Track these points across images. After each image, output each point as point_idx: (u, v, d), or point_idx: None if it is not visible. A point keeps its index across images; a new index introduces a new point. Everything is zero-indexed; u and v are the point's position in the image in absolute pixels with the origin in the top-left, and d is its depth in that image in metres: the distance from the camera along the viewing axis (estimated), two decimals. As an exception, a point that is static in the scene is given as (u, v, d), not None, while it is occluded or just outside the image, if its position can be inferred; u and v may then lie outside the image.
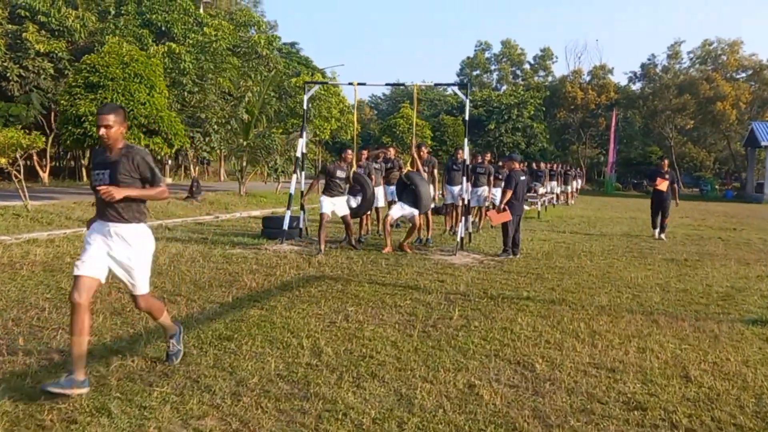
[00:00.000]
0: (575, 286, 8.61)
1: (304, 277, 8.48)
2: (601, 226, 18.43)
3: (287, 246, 11.43)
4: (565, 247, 12.84)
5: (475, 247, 12.23)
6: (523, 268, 10.02)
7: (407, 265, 9.79)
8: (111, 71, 15.44)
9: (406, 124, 39.96)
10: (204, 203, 19.49)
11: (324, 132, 26.67)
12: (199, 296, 7.09)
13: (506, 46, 71.07)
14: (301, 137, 12.48)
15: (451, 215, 14.66)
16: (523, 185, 11.41)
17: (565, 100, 64.07)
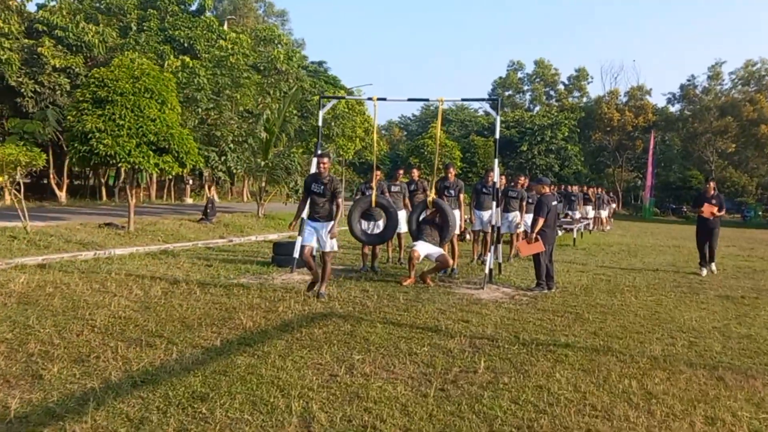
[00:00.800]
0: (621, 329, 7.57)
1: (309, 315, 7.56)
2: (642, 256, 17.27)
3: (297, 276, 10.55)
4: (606, 281, 11.76)
5: (505, 280, 11.22)
6: (559, 305, 8.99)
7: (428, 301, 8.83)
8: (120, 86, 14.80)
9: (435, 145, 39.11)
10: (218, 225, 18.75)
11: (348, 152, 25.91)
12: (182, 338, 6.21)
13: (539, 65, 70.17)
14: (315, 156, 11.63)
15: (479, 243, 13.70)
16: (555, 211, 10.42)
17: (600, 121, 62.76)
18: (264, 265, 11.71)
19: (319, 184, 8.79)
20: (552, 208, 10.27)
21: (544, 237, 10.23)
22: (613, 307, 9.04)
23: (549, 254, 10.44)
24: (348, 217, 11.20)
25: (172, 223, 17.75)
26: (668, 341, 7.09)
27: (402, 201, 12.40)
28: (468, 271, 12.21)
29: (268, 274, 10.62)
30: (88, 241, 13.60)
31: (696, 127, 61.15)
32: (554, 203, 10.38)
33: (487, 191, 12.89)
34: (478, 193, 13.34)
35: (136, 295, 8.25)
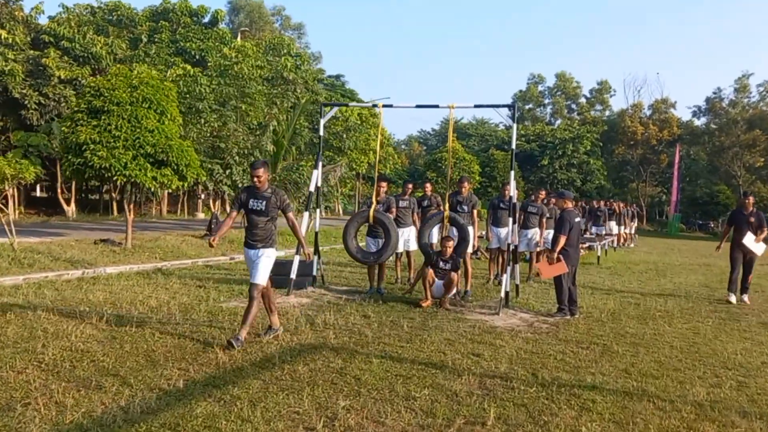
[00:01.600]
0: (656, 366, 6.57)
1: (296, 347, 6.65)
2: (672, 275, 16.17)
3: (294, 299, 9.66)
4: (635, 305, 10.73)
5: (523, 303, 10.23)
6: (584, 335, 7.99)
7: (436, 329, 7.87)
8: (117, 95, 14.09)
9: (453, 158, 38.16)
10: (223, 242, 17.93)
11: (361, 165, 25.08)
12: (141, 378, 5.32)
13: (561, 78, 69.13)
14: (316, 168, 10.80)
15: (496, 262, 12.75)
16: (578, 228, 9.43)
17: (624, 135, 61.47)
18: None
19: (260, 200, 6.86)
20: (575, 224, 9.30)
21: (567, 257, 9.24)
22: (645, 337, 8.03)
23: (572, 276, 9.46)
24: (343, 233, 10.34)
25: (174, 240, 16.97)
26: (713, 381, 6.08)
27: (411, 217, 11.50)
28: (483, 293, 11.24)
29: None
30: (79, 259, 12.82)
31: (723, 141, 59.61)
32: (577, 220, 9.40)
33: (505, 206, 11.99)
34: (495, 208, 12.46)
35: (107, 321, 7.39)
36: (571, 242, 9.30)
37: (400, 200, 11.42)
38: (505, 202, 11.89)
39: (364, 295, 10.24)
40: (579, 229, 9.48)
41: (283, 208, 6.97)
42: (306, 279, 10.66)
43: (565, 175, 55.55)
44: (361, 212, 10.68)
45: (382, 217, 10.22)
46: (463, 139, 58.16)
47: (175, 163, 14.39)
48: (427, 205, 12.00)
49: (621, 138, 62.21)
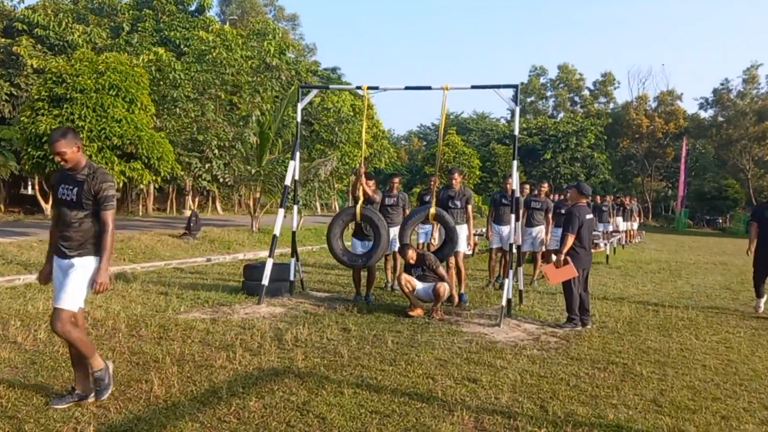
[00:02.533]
0: (690, 393, 5.47)
1: (254, 372, 5.55)
2: (687, 276, 15.09)
3: (266, 308, 8.55)
4: (653, 311, 9.64)
5: (527, 311, 9.13)
6: (599, 351, 6.90)
7: (426, 346, 6.77)
8: (81, 82, 13.01)
9: (452, 153, 37.09)
10: (203, 242, 16.84)
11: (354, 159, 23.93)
12: (41, 423, 4.22)
13: (563, 70, 67.94)
14: (293, 159, 9.69)
15: (498, 263, 11.64)
16: (590, 226, 8.33)
17: (628, 128, 60.34)
18: (232, 292, 9.74)
19: (70, 186, 4.59)
20: (586, 222, 8.19)
21: (577, 259, 8.14)
22: (671, 353, 6.93)
23: (583, 281, 8.36)
24: (327, 232, 9.25)
25: (149, 239, 15.86)
26: (763, 416, 4.99)
27: (401, 215, 10.40)
28: (482, 299, 10.14)
29: (231, 306, 8.62)
30: (36, 262, 11.72)
31: (731, 134, 58.54)
32: (589, 216, 8.29)
33: (507, 202, 10.89)
34: (497, 204, 11.37)
35: (35, 340, 6.30)
36: (582, 242, 8.20)
37: (386, 197, 10.32)
38: (508, 197, 10.82)
39: (349, 303, 9.14)
40: (591, 228, 8.38)
41: (98, 199, 4.53)
42: (282, 285, 9.56)
43: (568, 170, 54.41)
44: (347, 209, 9.57)
45: (370, 214, 9.13)
46: (464, 134, 56.94)
47: (146, 156, 13.31)
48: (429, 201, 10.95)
49: (626, 131, 61.10)
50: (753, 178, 58.60)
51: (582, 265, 8.25)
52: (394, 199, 10.38)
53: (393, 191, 10.53)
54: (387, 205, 10.25)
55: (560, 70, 68.46)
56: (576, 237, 8.13)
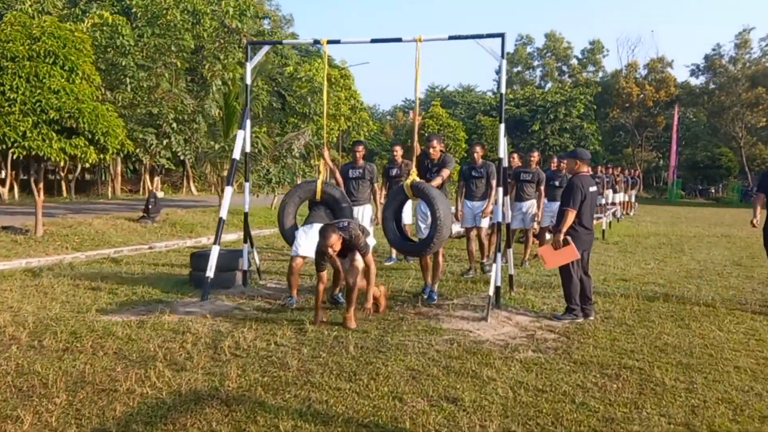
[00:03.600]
0: (730, 410, 4.32)
1: (168, 399, 4.32)
2: (691, 251, 13.97)
3: (210, 305, 7.30)
4: (663, 295, 8.49)
5: (519, 300, 7.94)
6: (607, 351, 5.73)
7: (396, 351, 5.57)
8: (12, 48, 11.57)
9: (436, 125, 35.73)
10: (163, 225, 15.53)
11: (331, 133, 22.63)
12: None
13: (550, 39, 66.47)
14: (242, 128, 8.36)
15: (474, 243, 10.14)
16: (593, 200, 7.12)
17: (618, 97, 59.04)
18: (178, 284, 8.49)
19: None
20: (589, 195, 6.99)
21: (576, 239, 6.94)
22: (694, 351, 5.76)
23: (585, 264, 7.18)
24: (279, 211, 7.93)
25: (102, 224, 14.54)
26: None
27: (369, 189, 9.15)
28: (468, 286, 8.94)
29: (171, 303, 7.37)
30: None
31: (723, 101, 57.35)
32: (593, 189, 7.08)
33: (479, 174, 9.57)
34: (467, 177, 9.90)
35: None
36: (582, 219, 7.00)
37: (351, 169, 9.06)
38: (478, 169, 9.58)
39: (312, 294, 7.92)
40: (595, 201, 7.17)
41: None
42: (234, 276, 8.30)
43: (557, 141, 53.13)
44: (305, 183, 8.24)
45: (333, 191, 7.88)
46: (450, 107, 55.51)
47: (89, 131, 11.93)
48: (396, 175, 9.59)
49: (615, 100, 59.80)
50: (746, 146, 57.64)
51: (582, 246, 7.06)
52: (360, 170, 9.11)
53: (358, 162, 9.21)
54: (351, 179, 8.99)
55: (547, 39, 66.96)
56: (578, 213, 6.94)
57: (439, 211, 6.95)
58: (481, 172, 9.55)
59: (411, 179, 7.31)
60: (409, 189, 7.29)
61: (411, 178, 7.35)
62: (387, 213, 7.55)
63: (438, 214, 6.96)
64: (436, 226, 6.98)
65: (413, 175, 7.39)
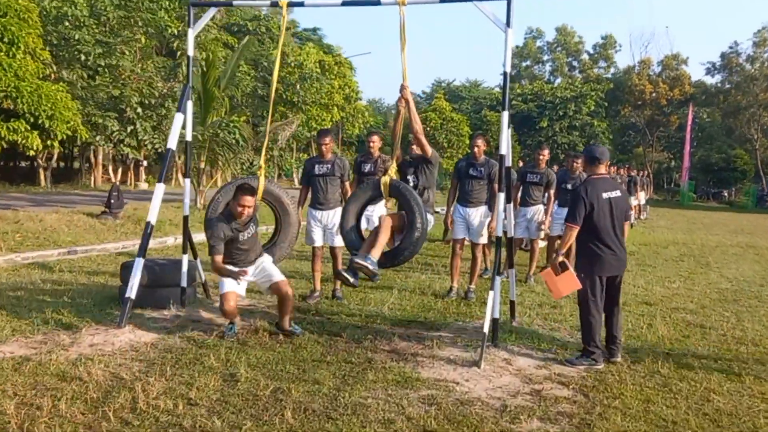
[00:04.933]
0: None
1: None
2: (718, 265, 12.49)
3: (128, 334, 5.79)
4: (698, 326, 7.02)
5: (522, 332, 6.44)
6: (641, 421, 4.25)
7: (352, 416, 4.09)
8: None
9: (439, 119, 34.16)
10: (126, 222, 14.06)
11: (323, 124, 21.10)
12: None
13: (561, 33, 64.68)
14: (180, 111, 6.80)
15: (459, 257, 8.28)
16: (614, 209, 5.57)
17: (630, 94, 57.33)
18: (107, 301, 7.01)
19: None
20: (603, 203, 5.49)
21: (596, 262, 5.47)
22: (758, 424, 4.27)
23: (614, 294, 5.71)
24: (205, 215, 6.49)
25: (55, 220, 13.07)
26: None
27: (340, 188, 7.63)
28: (459, 311, 7.46)
29: (79, 329, 5.85)
30: None
31: (739, 100, 55.63)
32: (611, 194, 5.57)
33: (478, 174, 8.03)
34: (462, 175, 8.23)
35: None
36: (600, 235, 5.50)
37: (317, 164, 7.55)
38: (478, 167, 8.04)
39: (269, 318, 6.45)
40: (621, 211, 5.65)
41: None
42: (171, 293, 6.80)
43: (566, 138, 51.42)
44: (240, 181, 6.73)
45: (275, 190, 6.48)
46: (455, 102, 53.88)
47: (30, 113, 10.48)
48: (369, 171, 7.96)
49: (627, 98, 58.10)
50: (761, 148, 55.93)
51: (605, 270, 5.56)
52: (327, 166, 7.56)
53: (325, 155, 7.68)
54: (317, 176, 7.49)
55: (558, 33, 65.19)
56: (591, 227, 5.47)
57: (418, 220, 5.58)
58: (482, 171, 8.01)
59: (389, 177, 5.86)
60: (387, 187, 5.83)
61: (390, 173, 5.90)
62: (349, 208, 6.05)
63: (417, 223, 5.57)
64: (412, 238, 5.58)
65: (392, 171, 5.92)
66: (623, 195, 5.67)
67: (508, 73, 5.84)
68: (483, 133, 8.60)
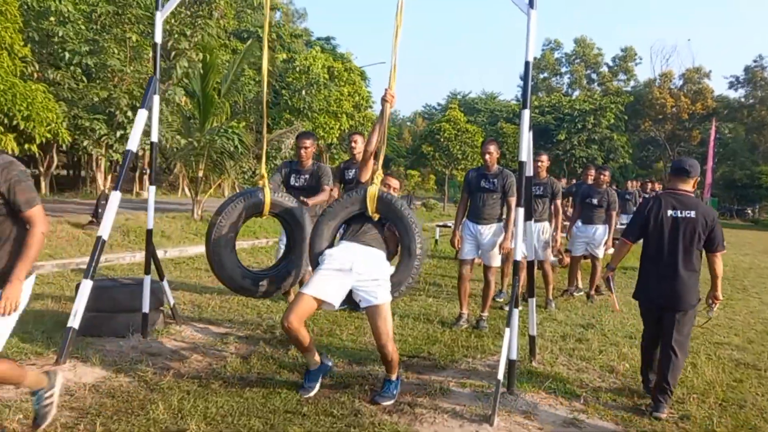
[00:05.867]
0: None
1: None
2: (756, 291, 11.52)
3: (67, 372, 4.85)
4: (750, 366, 6.05)
5: (543, 375, 5.44)
6: None
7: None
8: None
9: (453, 130, 33.21)
10: (114, 233, 13.15)
11: (331, 133, 20.19)
12: None
13: (580, 44, 63.82)
14: (143, 107, 5.86)
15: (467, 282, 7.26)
16: (683, 231, 4.78)
17: (651, 108, 56.24)
18: (58, 328, 6.07)
19: None
20: (665, 221, 4.79)
21: (639, 282, 4.89)
22: None
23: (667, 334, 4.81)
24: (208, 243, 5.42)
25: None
26: None
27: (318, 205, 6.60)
28: (471, 342, 6.47)
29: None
30: None
31: (764, 116, 54.43)
32: (682, 214, 4.79)
33: (491, 187, 7.01)
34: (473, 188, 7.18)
35: None
36: (650, 255, 4.89)
37: (294, 173, 6.56)
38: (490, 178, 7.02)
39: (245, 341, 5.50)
40: (688, 235, 4.77)
41: None
42: (132, 320, 5.85)
43: (584, 152, 50.33)
44: (247, 197, 5.71)
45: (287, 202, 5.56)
46: (471, 115, 52.99)
47: (5, 114, 9.63)
48: (351, 179, 6.85)
49: (648, 111, 57.05)
50: (784, 166, 54.59)
51: (648, 297, 4.97)
52: (306, 176, 6.59)
53: (304, 163, 6.69)
54: (295, 188, 6.51)
55: (577, 44, 64.32)
56: (644, 246, 4.98)
57: (416, 245, 4.62)
58: (495, 183, 7.01)
59: (376, 187, 4.82)
60: (373, 202, 4.81)
61: (376, 185, 4.85)
62: (322, 227, 4.84)
63: (415, 249, 4.62)
64: (411, 267, 4.64)
65: (378, 181, 4.87)
66: (701, 217, 4.75)
67: (531, 63, 4.86)
68: (494, 139, 7.57)
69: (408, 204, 5.01)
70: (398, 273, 4.75)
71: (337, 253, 4.61)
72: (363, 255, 4.58)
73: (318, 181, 6.50)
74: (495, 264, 7.17)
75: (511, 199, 6.83)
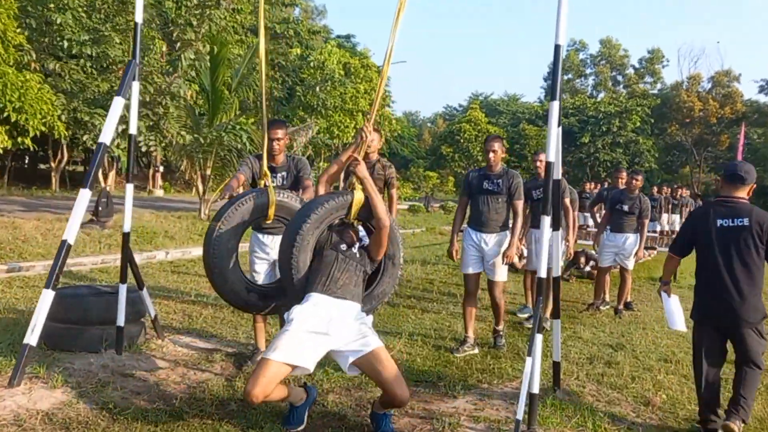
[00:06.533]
0: None
1: None
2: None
3: (20, 396, 4.25)
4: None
5: (567, 409, 4.77)
6: None
7: None
8: None
9: (474, 131, 32.53)
10: (114, 232, 12.68)
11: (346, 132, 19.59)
12: None
13: (606, 45, 62.64)
14: (120, 95, 5.28)
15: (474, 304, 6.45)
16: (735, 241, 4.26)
17: (678, 111, 55.05)
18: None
19: None
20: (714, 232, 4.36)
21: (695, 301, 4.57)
22: None
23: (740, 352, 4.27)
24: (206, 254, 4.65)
25: (33, 228, 11.78)
26: None
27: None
28: (484, 367, 5.83)
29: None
30: None
31: (795, 121, 53.13)
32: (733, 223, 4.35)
33: (493, 186, 6.29)
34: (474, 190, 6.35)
35: None
36: (702, 271, 4.39)
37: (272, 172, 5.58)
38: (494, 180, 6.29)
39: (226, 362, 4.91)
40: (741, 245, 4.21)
41: None
42: (106, 333, 5.27)
43: (609, 156, 49.37)
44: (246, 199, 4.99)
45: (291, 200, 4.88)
46: (493, 116, 52.23)
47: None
48: None
49: (674, 115, 55.85)
50: (817, 173, 53.24)
51: (705, 316, 4.49)
52: (283, 174, 5.54)
53: (277, 158, 5.49)
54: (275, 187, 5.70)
55: (602, 45, 63.16)
56: (697, 260, 4.47)
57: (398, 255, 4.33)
58: (499, 184, 6.21)
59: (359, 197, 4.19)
60: (359, 208, 4.21)
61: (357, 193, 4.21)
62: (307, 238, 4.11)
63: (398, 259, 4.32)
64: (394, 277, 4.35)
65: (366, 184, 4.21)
66: (755, 225, 4.20)
67: (560, 47, 4.22)
68: (498, 136, 6.77)
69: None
70: (382, 283, 4.30)
71: (308, 311, 3.85)
72: (338, 313, 3.87)
73: (296, 178, 5.53)
74: (501, 279, 6.28)
75: (517, 202, 6.14)
